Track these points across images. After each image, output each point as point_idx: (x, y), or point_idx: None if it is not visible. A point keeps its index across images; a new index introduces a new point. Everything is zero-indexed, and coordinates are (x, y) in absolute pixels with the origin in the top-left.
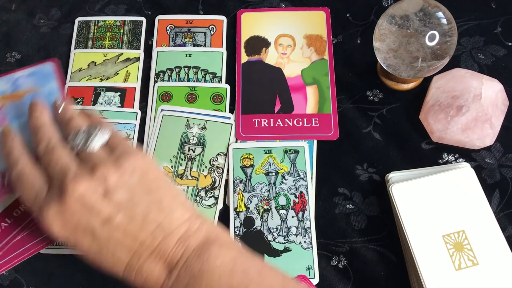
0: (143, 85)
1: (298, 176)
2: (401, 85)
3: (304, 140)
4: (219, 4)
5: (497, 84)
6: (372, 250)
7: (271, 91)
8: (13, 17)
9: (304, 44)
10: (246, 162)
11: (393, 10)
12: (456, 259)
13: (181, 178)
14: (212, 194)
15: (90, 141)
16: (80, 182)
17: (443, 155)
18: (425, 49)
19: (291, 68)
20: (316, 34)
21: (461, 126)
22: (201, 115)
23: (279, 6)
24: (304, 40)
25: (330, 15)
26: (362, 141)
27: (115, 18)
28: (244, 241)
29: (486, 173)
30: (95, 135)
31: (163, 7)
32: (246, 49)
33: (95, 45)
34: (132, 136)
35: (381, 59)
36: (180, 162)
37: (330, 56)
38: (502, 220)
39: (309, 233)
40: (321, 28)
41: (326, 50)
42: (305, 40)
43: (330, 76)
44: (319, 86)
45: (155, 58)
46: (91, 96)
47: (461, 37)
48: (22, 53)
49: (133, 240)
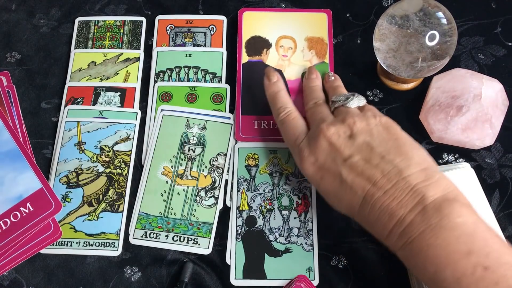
0: (143, 85)
1: (302, 178)
2: (401, 85)
3: None
4: (219, 4)
5: (497, 84)
6: (372, 250)
7: None
8: (13, 17)
9: (305, 47)
10: (251, 161)
11: (393, 10)
12: None
13: (181, 178)
14: (212, 194)
15: (349, 101)
16: (332, 126)
17: (443, 155)
18: (425, 49)
19: (291, 71)
20: (318, 36)
21: (461, 126)
22: (201, 115)
23: (279, 6)
24: (305, 43)
25: (331, 17)
26: None
27: (115, 18)
28: (246, 240)
29: (486, 173)
30: (354, 98)
31: (163, 7)
32: (247, 49)
33: (95, 45)
34: (132, 136)
35: (381, 59)
36: (180, 162)
37: (331, 59)
38: (502, 220)
39: (310, 234)
40: (322, 30)
41: (327, 53)
42: (306, 43)
43: None
44: None
45: (155, 58)
46: (91, 96)
47: (461, 37)
48: (22, 53)
49: (368, 179)
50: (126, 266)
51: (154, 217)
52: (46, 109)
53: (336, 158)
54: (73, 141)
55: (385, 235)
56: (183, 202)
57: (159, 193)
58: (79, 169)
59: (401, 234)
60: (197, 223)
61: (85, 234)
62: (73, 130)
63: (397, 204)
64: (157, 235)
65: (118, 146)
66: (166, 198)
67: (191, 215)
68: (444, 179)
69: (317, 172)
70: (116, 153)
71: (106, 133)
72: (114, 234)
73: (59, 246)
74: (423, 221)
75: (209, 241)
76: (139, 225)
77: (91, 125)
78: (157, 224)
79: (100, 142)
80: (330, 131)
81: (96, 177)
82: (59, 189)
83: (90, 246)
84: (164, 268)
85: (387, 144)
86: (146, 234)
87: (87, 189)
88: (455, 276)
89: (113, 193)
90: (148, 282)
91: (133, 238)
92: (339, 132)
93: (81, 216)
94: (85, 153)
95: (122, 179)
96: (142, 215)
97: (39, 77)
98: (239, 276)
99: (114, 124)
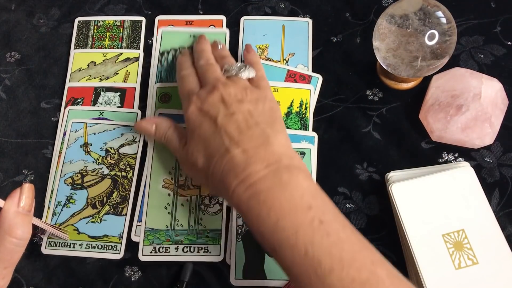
0: (142, 85)
1: None
2: (401, 84)
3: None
4: (219, 3)
5: (496, 83)
6: None
7: None
8: (12, 17)
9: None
10: None
11: (393, 10)
12: (456, 258)
13: (183, 188)
14: (217, 201)
15: (241, 72)
16: (229, 86)
17: (442, 154)
18: (424, 49)
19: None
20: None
21: (460, 125)
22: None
23: (279, 6)
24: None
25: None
26: (362, 141)
27: (114, 18)
28: (247, 240)
29: (486, 172)
30: (245, 69)
31: (163, 7)
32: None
33: (95, 45)
34: (138, 139)
35: (380, 58)
36: (179, 173)
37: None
38: (501, 219)
39: None
40: None
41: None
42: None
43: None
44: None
45: (160, 38)
46: (91, 96)
47: (461, 37)
48: (21, 53)
49: (239, 131)
50: (126, 266)
51: (161, 231)
52: (46, 109)
53: (221, 110)
54: (79, 142)
55: (234, 185)
56: (189, 212)
57: (163, 207)
58: (84, 171)
59: (252, 185)
60: (205, 232)
61: (88, 236)
62: (80, 131)
63: (257, 158)
64: (167, 248)
65: (124, 148)
66: (170, 210)
67: (198, 224)
68: (300, 159)
69: (198, 116)
70: (122, 156)
71: (112, 135)
72: (117, 237)
73: (62, 247)
74: (275, 177)
75: (220, 248)
76: (147, 241)
77: (98, 126)
78: (165, 238)
79: (106, 144)
80: (226, 89)
81: (100, 179)
82: (64, 190)
83: (92, 248)
84: (164, 268)
85: (265, 118)
86: (155, 249)
87: (91, 191)
88: (294, 225)
89: (117, 196)
90: (148, 282)
91: (142, 255)
92: (233, 93)
93: (84, 218)
94: (90, 155)
95: (126, 182)
96: (148, 231)
97: (38, 77)
98: (239, 276)
99: (121, 126)
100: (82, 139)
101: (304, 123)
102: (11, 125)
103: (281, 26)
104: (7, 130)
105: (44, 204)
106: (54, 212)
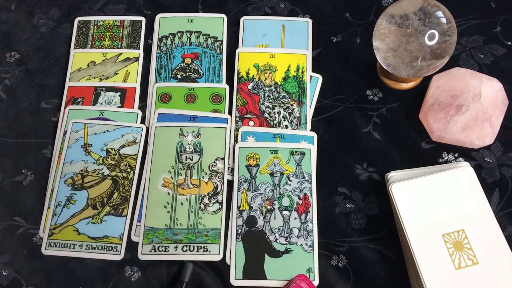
0: (142, 85)
1: (303, 178)
2: (401, 84)
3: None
4: (219, 3)
5: (496, 83)
6: (372, 250)
7: None
8: (12, 17)
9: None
10: (251, 161)
11: (393, 10)
12: (456, 258)
13: (182, 187)
14: (216, 200)
15: None
16: None
17: (442, 154)
18: (424, 49)
19: None
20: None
21: (460, 125)
22: (194, 122)
23: (279, 6)
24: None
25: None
26: (361, 141)
27: (114, 18)
28: (246, 240)
29: (486, 172)
30: None
31: (163, 6)
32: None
33: (95, 45)
34: (139, 140)
35: (380, 58)
36: (179, 172)
37: None
38: (502, 219)
39: (311, 235)
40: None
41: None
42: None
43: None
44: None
45: (158, 24)
46: (91, 96)
47: (461, 37)
48: (21, 53)
49: None
50: (126, 266)
51: (160, 230)
52: (46, 109)
53: None
54: (79, 143)
55: None
56: (188, 211)
57: (162, 206)
58: (85, 171)
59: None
60: (204, 231)
61: (88, 237)
62: (80, 132)
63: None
64: (166, 247)
65: (125, 149)
66: (170, 209)
67: (197, 223)
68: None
69: None
70: (122, 157)
71: (113, 136)
72: (117, 238)
73: (61, 248)
74: None
75: (219, 247)
76: (146, 240)
77: (98, 127)
78: (165, 237)
79: (106, 145)
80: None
81: (101, 180)
82: (64, 191)
83: (92, 249)
84: (164, 268)
85: None
86: (154, 248)
87: (92, 191)
88: None
89: (118, 197)
90: (148, 282)
91: (141, 254)
92: None
93: (85, 218)
94: (91, 155)
95: (127, 183)
96: (148, 230)
97: (38, 77)
98: (239, 276)
99: (121, 127)
100: (83, 139)
101: (302, 87)
102: (11, 125)
103: (281, 26)
104: (7, 130)
105: (44, 204)
106: (54, 212)
